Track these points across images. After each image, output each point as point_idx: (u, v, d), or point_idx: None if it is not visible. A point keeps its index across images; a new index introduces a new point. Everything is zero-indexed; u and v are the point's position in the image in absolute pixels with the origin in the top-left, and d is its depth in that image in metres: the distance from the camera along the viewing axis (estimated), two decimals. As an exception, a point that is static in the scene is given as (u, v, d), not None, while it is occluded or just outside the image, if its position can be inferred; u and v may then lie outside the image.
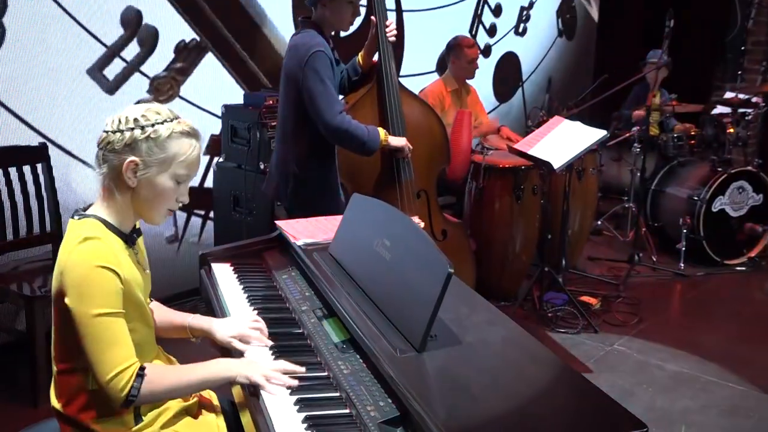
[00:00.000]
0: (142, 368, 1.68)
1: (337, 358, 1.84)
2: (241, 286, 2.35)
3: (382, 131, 3.33)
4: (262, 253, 2.59)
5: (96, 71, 3.78)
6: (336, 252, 2.29)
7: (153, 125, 1.69)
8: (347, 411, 1.66)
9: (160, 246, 4.21)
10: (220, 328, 1.99)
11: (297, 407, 1.67)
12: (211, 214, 4.37)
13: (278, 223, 2.62)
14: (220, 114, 4.18)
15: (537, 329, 4.10)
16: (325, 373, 1.82)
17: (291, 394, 1.72)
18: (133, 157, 1.69)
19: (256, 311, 2.13)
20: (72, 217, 1.75)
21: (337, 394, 1.73)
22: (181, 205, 1.80)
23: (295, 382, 1.74)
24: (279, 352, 1.92)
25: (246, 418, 1.74)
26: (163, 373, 1.75)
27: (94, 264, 1.63)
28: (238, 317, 2.06)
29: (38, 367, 3.07)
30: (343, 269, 2.18)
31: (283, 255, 2.55)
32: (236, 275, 2.44)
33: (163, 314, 2.06)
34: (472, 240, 4.33)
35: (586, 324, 4.13)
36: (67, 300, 1.64)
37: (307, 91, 3.11)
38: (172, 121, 1.72)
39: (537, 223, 4.43)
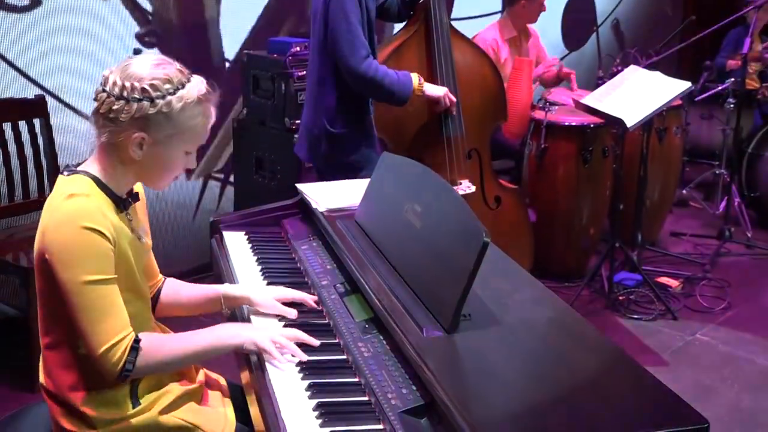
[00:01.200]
0: (137, 340, 1.72)
1: (358, 340, 1.86)
2: (255, 258, 2.39)
3: (415, 77, 3.30)
4: (282, 221, 2.62)
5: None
6: (362, 219, 2.30)
7: (164, 96, 1.72)
8: (365, 398, 1.68)
9: (172, 214, 4.30)
10: (256, 294, 2.05)
11: (309, 393, 1.70)
12: (231, 178, 4.43)
13: (300, 186, 2.64)
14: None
15: (605, 315, 4.08)
16: (344, 356, 1.85)
17: (303, 378, 1.75)
18: (140, 133, 1.73)
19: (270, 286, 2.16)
20: (61, 173, 1.80)
21: (355, 380, 1.75)
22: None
23: (307, 357, 1.79)
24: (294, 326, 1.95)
25: (254, 409, 1.78)
26: (161, 343, 1.79)
27: (80, 224, 1.66)
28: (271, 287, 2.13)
29: (34, 346, 3.17)
30: (370, 239, 2.20)
31: (305, 223, 2.58)
32: (250, 245, 2.48)
33: (185, 289, 2.11)
34: (530, 210, 4.30)
35: (664, 310, 4.08)
36: (51, 265, 1.68)
37: (330, 32, 3.11)
38: (183, 87, 1.75)
39: (608, 191, 4.38)
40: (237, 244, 2.48)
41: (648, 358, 3.66)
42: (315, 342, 1.85)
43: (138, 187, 1.91)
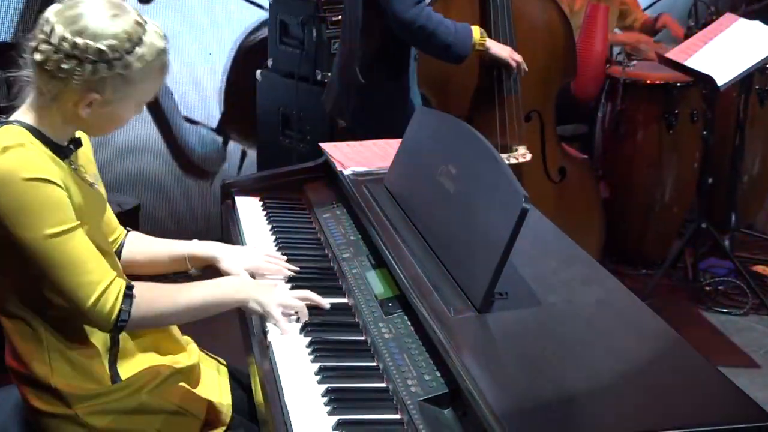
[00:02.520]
0: (129, 287, 1.79)
1: (379, 320, 1.90)
2: (270, 227, 2.44)
3: (477, 31, 3.30)
4: (303, 186, 2.67)
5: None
6: (392, 184, 2.33)
7: (122, 57, 1.75)
8: (382, 384, 1.72)
9: (186, 181, 4.38)
10: (227, 256, 2.13)
11: (319, 377, 1.74)
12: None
13: (324, 146, 2.68)
14: (266, 5, 4.26)
15: (687, 307, 4.05)
16: (362, 337, 1.89)
17: (314, 360, 1.79)
18: (92, 95, 1.77)
19: (285, 258, 2.21)
20: None
21: (373, 364, 1.79)
22: None
23: (327, 304, 1.95)
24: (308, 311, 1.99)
25: (257, 397, 1.83)
26: (158, 292, 1.85)
27: (23, 177, 1.70)
28: (253, 248, 2.20)
29: None
30: (400, 206, 2.23)
31: (329, 188, 2.62)
32: (265, 212, 2.53)
33: (150, 245, 2.17)
34: (602, 184, 4.28)
35: (758, 303, 4.04)
36: (5, 228, 1.71)
37: None
38: (141, 42, 1.77)
39: (696, 163, 4.33)
40: (250, 211, 2.53)
41: (736, 358, 3.64)
42: (326, 304, 1.96)
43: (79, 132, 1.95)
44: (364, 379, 1.74)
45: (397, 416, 1.63)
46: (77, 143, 1.90)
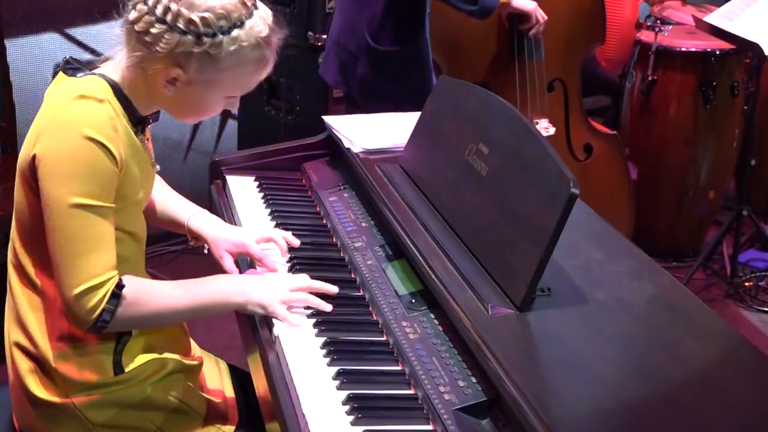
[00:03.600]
0: (119, 285, 1.81)
1: (402, 318, 1.91)
2: (268, 210, 2.45)
3: None
4: (303, 164, 2.68)
5: None
6: (409, 164, 2.35)
7: (215, 35, 1.78)
8: (410, 391, 1.74)
9: (157, 152, 4.35)
10: (219, 236, 2.16)
11: (337, 382, 1.75)
12: (234, 110, 4.48)
13: (328, 119, 2.69)
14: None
15: (724, 304, 4.10)
16: (383, 338, 1.91)
17: (330, 363, 1.81)
18: (176, 69, 1.81)
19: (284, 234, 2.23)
20: (64, 71, 1.88)
21: (398, 368, 1.81)
22: None
23: (329, 307, 1.96)
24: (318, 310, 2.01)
25: (264, 398, 1.84)
26: (149, 292, 1.87)
27: (83, 132, 1.75)
28: (251, 227, 2.23)
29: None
30: (419, 189, 2.24)
31: (333, 167, 2.63)
32: (262, 194, 2.54)
33: (162, 196, 2.22)
34: (630, 164, 4.31)
35: (804, 301, 4.09)
36: (40, 175, 1.77)
37: None
38: (242, 25, 1.81)
39: (735, 142, 4.36)
40: (244, 193, 2.55)
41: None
42: (333, 289, 2.00)
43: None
44: (389, 386, 1.76)
45: (429, 427, 1.65)
46: (156, 116, 1.95)
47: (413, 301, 1.96)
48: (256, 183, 2.60)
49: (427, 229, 2.07)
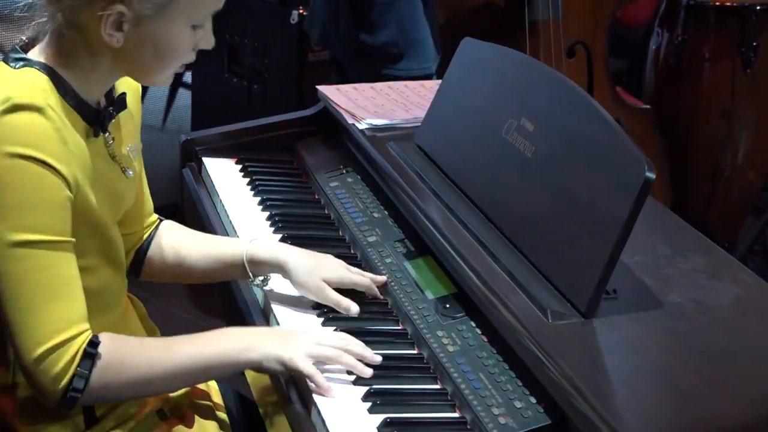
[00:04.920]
0: (93, 342, 1.69)
1: (436, 327, 1.90)
2: (257, 199, 2.43)
3: None
4: (294, 143, 2.67)
5: None
6: (429, 142, 2.34)
7: None
8: (455, 415, 1.73)
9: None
10: (299, 264, 2.03)
11: (369, 404, 1.74)
12: (187, 78, 4.46)
13: (323, 89, 2.69)
14: None
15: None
16: (415, 351, 1.90)
17: (356, 382, 1.80)
18: (117, 6, 1.67)
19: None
20: (5, 61, 1.76)
21: (437, 387, 1.80)
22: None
23: (369, 371, 1.82)
24: (328, 314, 2.01)
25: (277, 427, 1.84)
26: (132, 353, 1.74)
27: (16, 151, 1.61)
28: (325, 255, 2.11)
29: None
30: (443, 173, 2.23)
31: (331, 147, 2.62)
32: (248, 179, 2.52)
33: (190, 241, 2.12)
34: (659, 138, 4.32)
35: None
36: None
37: None
38: None
39: (780, 113, 4.38)
40: (226, 178, 2.53)
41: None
42: (377, 359, 1.85)
43: (124, 84, 1.89)
44: (429, 408, 1.76)
45: (484, 457, 1.65)
46: (120, 103, 1.85)
47: (447, 306, 1.95)
48: (239, 166, 2.59)
49: (461, 220, 2.06)
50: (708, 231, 4.45)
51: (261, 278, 2.08)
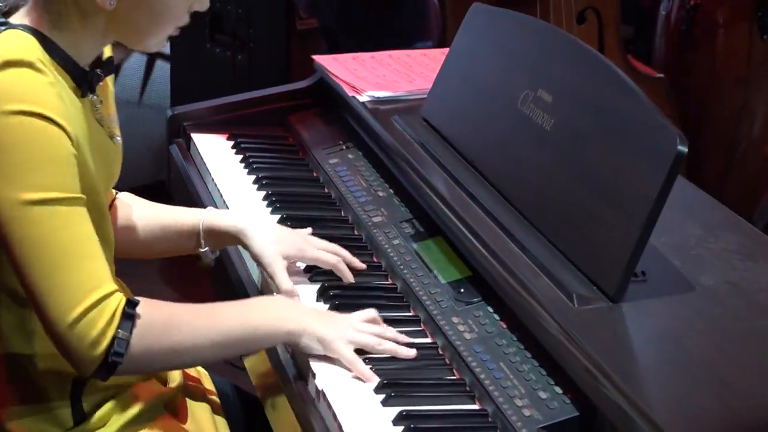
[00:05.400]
0: (132, 302, 1.70)
1: (450, 312, 1.90)
2: (252, 178, 2.43)
3: None
4: (288, 118, 2.67)
5: None
6: (437, 115, 2.33)
7: None
8: (475, 407, 1.73)
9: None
10: (258, 233, 2.04)
11: (381, 397, 1.73)
12: (165, 48, 4.43)
13: (319, 59, 2.68)
14: None
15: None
16: (428, 339, 1.89)
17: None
18: None
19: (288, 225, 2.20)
20: None
21: (455, 377, 1.79)
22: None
23: (413, 352, 1.84)
24: (334, 299, 2.00)
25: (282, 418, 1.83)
26: (172, 314, 1.76)
27: (20, 108, 1.63)
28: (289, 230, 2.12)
29: None
30: (454, 148, 2.23)
31: (328, 121, 2.62)
32: (240, 157, 2.52)
33: (148, 212, 2.12)
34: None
35: None
36: None
37: None
38: None
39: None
40: (217, 155, 2.53)
41: None
42: (410, 352, 1.85)
43: (109, 50, 1.90)
44: (446, 400, 1.75)
45: (509, 451, 1.65)
46: (108, 66, 1.85)
47: (461, 290, 1.94)
48: (231, 143, 2.58)
49: (474, 198, 2.05)
50: (724, 205, 4.49)
51: (207, 252, 2.10)
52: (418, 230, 2.13)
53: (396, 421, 1.68)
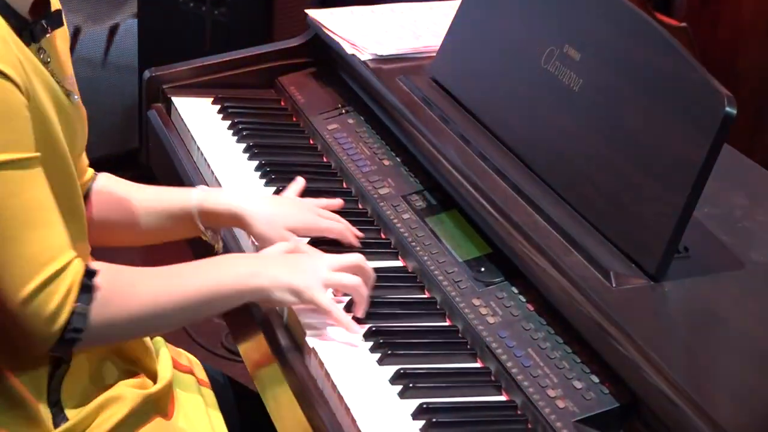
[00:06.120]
0: (89, 272, 1.70)
1: (471, 294, 1.89)
2: (242, 146, 2.42)
3: None
4: (278, 80, 2.66)
5: None
6: (448, 75, 2.32)
7: None
8: (502, 398, 1.72)
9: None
10: (259, 214, 2.03)
11: (398, 388, 1.73)
12: (132, 4, 4.41)
13: (312, 14, 2.66)
14: None
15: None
16: (446, 323, 1.88)
17: (382, 362, 1.78)
18: None
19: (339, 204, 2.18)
20: None
21: (477, 365, 1.79)
22: None
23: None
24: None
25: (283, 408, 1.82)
26: (133, 283, 1.78)
27: None
28: (291, 198, 2.13)
29: None
30: (467, 111, 2.22)
31: (324, 83, 2.61)
32: (228, 122, 2.51)
33: (135, 194, 2.11)
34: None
35: None
36: None
37: None
38: None
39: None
40: (202, 121, 2.52)
41: None
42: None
43: (57, 2, 1.87)
44: (470, 390, 1.74)
45: (540, 447, 1.64)
46: (55, 20, 1.82)
47: (482, 269, 1.94)
48: (217, 107, 2.57)
49: (493, 166, 2.05)
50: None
51: (210, 233, 2.10)
52: (430, 203, 2.13)
53: (416, 415, 1.67)
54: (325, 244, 2.01)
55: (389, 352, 1.80)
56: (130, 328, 1.80)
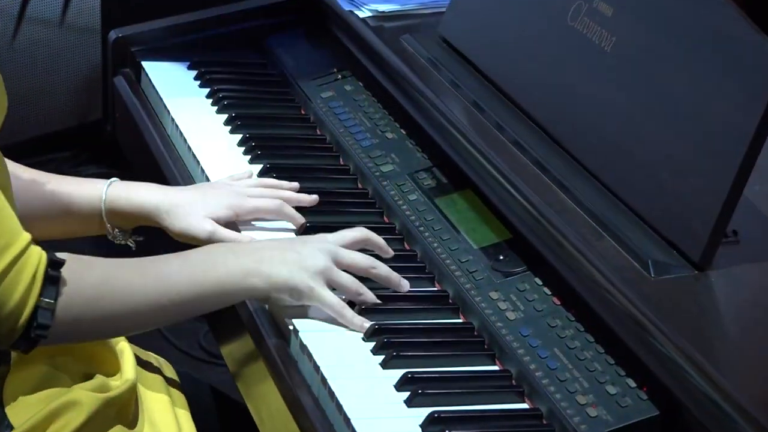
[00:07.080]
0: (55, 262, 1.69)
1: (487, 286, 1.89)
2: (224, 117, 2.43)
3: None
4: (265, 41, 2.68)
5: None
6: (460, 33, 2.33)
7: None
8: (524, 405, 1.72)
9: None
10: (174, 205, 2.04)
11: (404, 395, 1.72)
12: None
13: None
14: None
15: None
16: (460, 320, 1.89)
17: (385, 365, 1.78)
18: None
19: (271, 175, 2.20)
20: None
21: (495, 368, 1.80)
22: None
23: (406, 284, 1.88)
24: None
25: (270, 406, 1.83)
26: (105, 274, 1.78)
27: None
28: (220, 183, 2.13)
29: None
30: (483, 75, 2.22)
31: (318, 44, 2.63)
32: (207, 90, 2.52)
33: (41, 187, 2.09)
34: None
35: None
36: None
37: None
38: None
39: None
40: (177, 89, 2.53)
41: None
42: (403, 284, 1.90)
43: None
44: (488, 397, 1.74)
45: (570, 462, 1.64)
46: None
47: (500, 258, 1.94)
48: (194, 72, 2.58)
49: (513, 139, 2.05)
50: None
51: (122, 234, 2.11)
52: (440, 181, 2.13)
53: (425, 426, 1.67)
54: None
55: (394, 353, 1.80)
56: (102, 328, 1.81)
